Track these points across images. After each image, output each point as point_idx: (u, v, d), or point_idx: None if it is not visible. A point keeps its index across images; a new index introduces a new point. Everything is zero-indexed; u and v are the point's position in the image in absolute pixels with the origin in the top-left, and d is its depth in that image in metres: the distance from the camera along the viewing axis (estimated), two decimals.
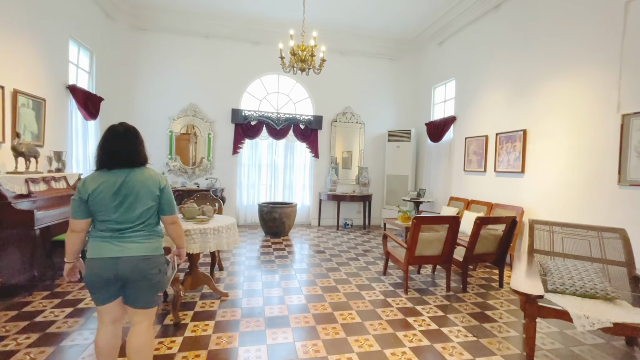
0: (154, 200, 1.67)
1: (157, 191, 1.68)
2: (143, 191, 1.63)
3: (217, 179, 6.58)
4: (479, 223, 3.37)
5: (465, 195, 5.61)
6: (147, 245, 1.66)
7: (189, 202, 3.06)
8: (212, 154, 6.66)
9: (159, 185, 1.69)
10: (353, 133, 7.33)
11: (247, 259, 4.48)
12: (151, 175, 1.68)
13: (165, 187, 1.72)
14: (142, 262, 1.62)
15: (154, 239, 1.70)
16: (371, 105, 7.42)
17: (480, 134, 5.31)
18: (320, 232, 6.52)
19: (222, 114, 6.67)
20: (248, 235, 5.98)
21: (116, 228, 1.61)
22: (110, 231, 1.62)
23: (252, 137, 6.73)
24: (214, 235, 2.84)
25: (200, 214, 3.04)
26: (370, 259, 4.66)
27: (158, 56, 6.34)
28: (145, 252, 1.64)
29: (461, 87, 5.88)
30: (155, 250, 1.69)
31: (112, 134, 1.65)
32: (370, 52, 7.28)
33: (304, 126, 6.95)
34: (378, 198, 7.49)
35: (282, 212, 5.74)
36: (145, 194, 1.64)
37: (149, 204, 1.65)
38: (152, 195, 1.66)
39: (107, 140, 1.64)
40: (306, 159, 7.22)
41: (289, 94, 7.09)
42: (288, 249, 5.09)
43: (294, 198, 7.14)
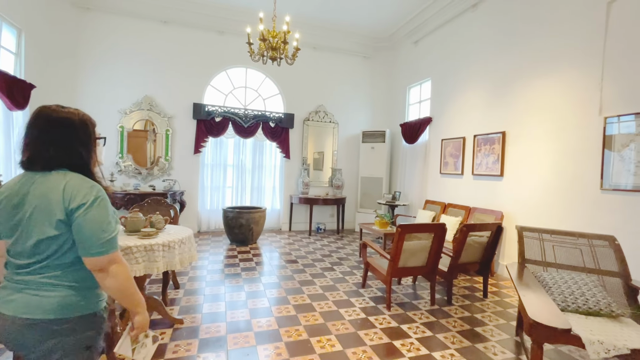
0: (55, 227, 1.03)
1: (61, 214, 1.03)
2: (39, 211, 1.04)
3: (176, 181, 5.91)
4: (465, 230, 3.13)
5: (442, 198, 5.45)
6: (45, 300, 1.02)
7: (133, 211, 2.51)
8: (170, 152, 5.97)
9: (65, 205, 1.03)
10: (326, 133, 6.98)
11: (210, 272, 3.94)
12: (62, 186, 1.05)
13: (80, 209, 1.03)
14: (28, 332, 1.01)
15: (62, 291, 1.05)
16: (345, 105, 7.11)
17: (457, 136, 5.17)
18: (291, 238, 6.08)
19: (183, 108, 6.01)
20: (211, 243, 5.39)
21: (13, 263, 1.07)
22: (8, 266, 1.09)
23: (216, 135, 6.14)
24: (164, 253, 2.31)
25: (147, 225, 2.50)
26: (346, 268, 4.31)
27: (107, 41, 5.56)
28: (34, 314, 1.00)
29: (437, 87, 5.73)
30: (61, 311, 1.03)
31: (39, 119, 1.11)
32: (345, 49, 6.97)
33: (274, 124, 6.47)
34: (352, 201, 7.20)
35: (249, 218, 5.23)
36: (41, 216, 1.04)
37: (48, 233, 1.03)
38: (50, 218, 1.03)
39: (29, 128, 1.11)
40: (276, 159, 6.74)
41: (258, 89, 6.58)
42: (256, 259, 4.60)
43: (263, 201, 6.63)
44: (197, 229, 6.20)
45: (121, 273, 1.09)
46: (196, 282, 3.59)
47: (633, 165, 2.96)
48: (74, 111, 1.18)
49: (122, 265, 1.10)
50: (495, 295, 3.51)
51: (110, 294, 1.10)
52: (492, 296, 3.49)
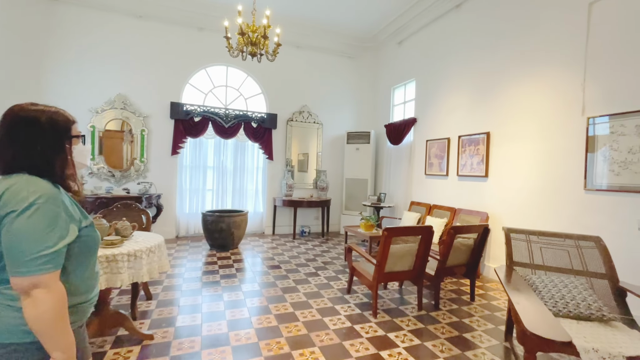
0: None
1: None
2: None
3: (152, 184, 5.61)
4: (452, 233, 3.05)
5: (427, 199, 5.40)
6: None
7: (97, 217, 2.28)
8: (146, 154, 5.67)
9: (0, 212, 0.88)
10: (310, 134, 6.83)
11: (186, 281, 3.71)
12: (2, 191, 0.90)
13: (7, 217, 0.87)
14: None
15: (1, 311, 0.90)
16: (329, 105, 6.99)
17: (441, 137, 5.14)
18: (275, 242, 5.88)
19: (159, 108, 5.73)
20: (190, 249, 5.13)
21: None
22: None
23: (195, 136, 5.88)
24: (130, 263, 2.10)
25: (111, 233, 2.27)
26: (331, 273, 4.16)
27: (76, 35, 5.22)
28: None
29: (422, 88, 5.70)
30: None
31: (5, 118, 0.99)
32: (329, 49, 6.85)
33: (256, 124, 6.27)
34: (337, 203, 7.07)
35: (230, 222, 5.00)
36: None
37: None
38: None
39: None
40: (259, 160, 6.54)
41: (240, 89, 6.37)
42: (237, 265, 4.39)
43: (245, 204, 6.41)
44: (175, 233, 5.92)
45: (45, 302, 0.87)
46: (171, 292, 3.36)
47: (616, 166, 2.95)
48: (44, 109, 1.03)
49: (51, 292, 0.88)
50: (482, 298, 3.45)
51: (29, 326, 0.88)
52: (479, 299, 3.43)
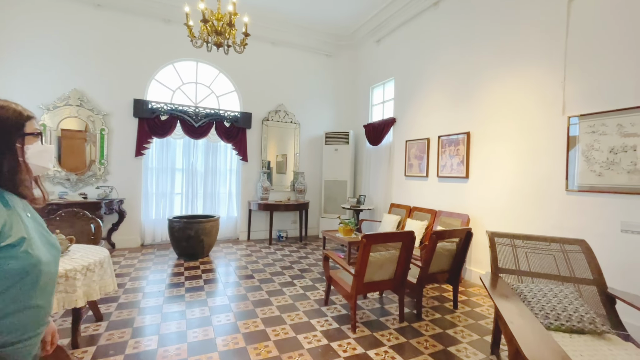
0: None
1: None
2: None
3: (113, 188, 5.15)
4: (435, 238, 2.87)
5: (407, 202, 5.26)
6: None
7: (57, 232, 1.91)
8: (106, 155, 5.20)
9: None
10: (287, 134, 6.55)
11: (146, 296, 3.33)
12: None
13: None
14: None
15: None
16: (307, 104, 6.74)
17: (421, 137, 5.01)
18: (249, 248, 5.55)
19: (121, 105, 5.27)
20: (155, 259, 4.72)
21: None
22: None
23: (162, 136, 5.46)
24: (60, 286, 1.75)
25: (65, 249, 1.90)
26: (308, 281, 3.90)
27: (23, 22, 4.69)
28: None
29: (401, 87, 5.56)
30: None
31: None
32: (305, 46, 6.61)
33: (229, 124, 5.92)
34: (315, 206, 6.82)
35: (199, 229, 4.64)
36: None
37: None
38: None
39: None
40: (233, 162, 6.18)
41: (211, 86, 6.00)
42: (206, 275, 4.04)
43: (217, 209, 6.03)
44: (140, 241, 5.46)
45: None
46: (126, 310, 2.98)
47: (597, 166, 2.88)
48: None
49: None
50: (466, 305, 3.30)
51: None
52: (463, 306, 3.27)
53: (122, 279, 3.79)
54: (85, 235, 2.81)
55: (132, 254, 4.94)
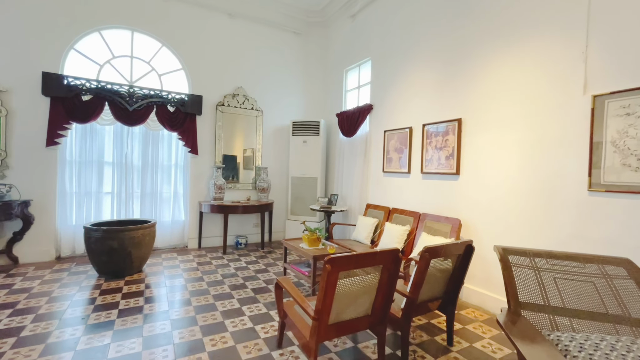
0: None
1: None
2: None
3: (13, 186, 3.98)
4: (428, 257, 2.08)
5: (386, 202, 4.50)
6: None
7: None
8: (4, 144, 4.01)
9: None
10: (247, 122, 5.60)
11: (26, 340, 2.31)
12: None
13: None
14: None
15: None
16: (271, 89, 5.81)
17: (402, 126, 4.25)
18: (198, 259, 4.57)
19: (26, 79, 4.09)
20: (67, 277, 3.64)
21: None
22: None
23: (84, 121, 4.33)
24: None
25: None
26: (261, 308, 3.02)
27: None
28: None
29: (378, 69, 4.77)
30: None
31: None
32: (270, 21, 5.67)
33: (173, 108, 4.88)
34: (281, 206, 5.93)
35: (124, 239, 3.61)
36: None
37: None
38: None
39: None
40: (179, 155, 5.14)
41: (151, 62, 4.92)
42: (125, 302, 3.04)
43: (160, 211, 4.98)
44: (55, 254, 4.32)
45: None
46: None
47: (634, 159, 2.21)
48: None
49: None
50: (462, 338, 2.56)
51: None
52: (459, 340, 2.53)
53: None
54: None
55: (38, 270, 3.83)
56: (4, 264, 4.00)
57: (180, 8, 4.97)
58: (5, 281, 3.48)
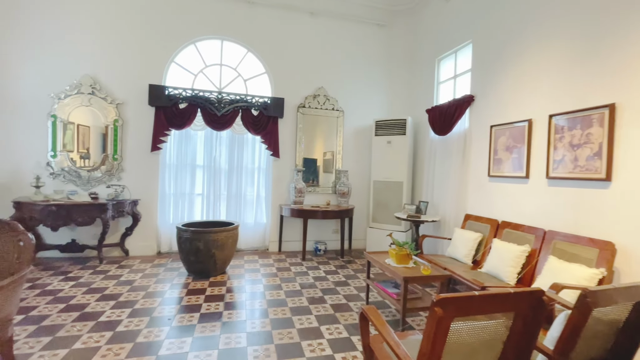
0: None
1: None
2: None
3: (125, 187, 4.48)
4: (589, 304, 1.40)
5: (492, 213, 3.68)
6: None
7: None
8: (119, 150, 4.56)
9: None
10: (328, 124, 5.36)
11: (119, 336, 2.41)
12: None
13: None
14: None
15: None
16: (353, 87, 5.47)
17: (517, 119, 3.40)
18: (278, 263, 4.48)
19: (136, 92, 4.59)
20: (162, 273, 3.89)
21: None
22: None
23: (180, 127, 4.67)
24: None
25: None
26: (341, 329, 2.65)
27: (37, 4, 4.23)
28: None
29: (482, 52, 3.98)
30: None
31: None
32: (351, 15, 5.34)
33: (257, 112, 4.93)
34: (362, 213, 5.51)
35: (208, 240, 3.68)
36: None
37: None
38: None
39: None
40: (262, 158, 5.19)
41: (238, 68, 5.07)
42: (207, 306, 3.03)
43: (244, 214, 5.09)
44: (156, 249, 4.74)
45: None
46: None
47: None
48: None
49: None
50: None
51: None
52: None
53: (103, 302, 2.96)
54: (13, 255, 1.98)
55: (142, 264, 4.21)
56: (118, 256, 4.53)
57: (265, 12, 5.01)
58: (116, 272, 3.88)
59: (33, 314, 2.72)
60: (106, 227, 4.09)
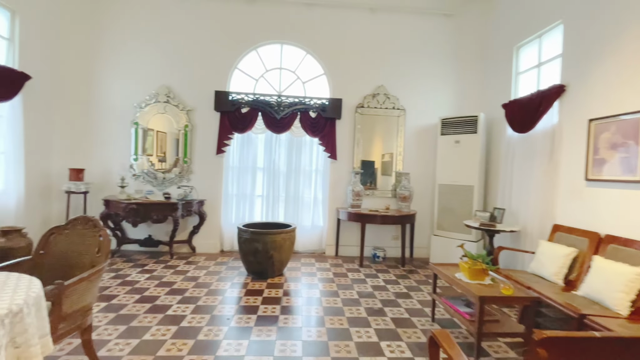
0: None
1: None
2: None
3: (193, 188, 4.78)
4: None
5: (591, 224, 3.05)
6: None
7: None
8: (189, 153, 4.90)
9: None
10: (388, 124, 5.09)
11: (176, 333, 2.51)
12: None
13: None
14: None
15: None
16: (415, 84, 5.11)
17: (627, 110, 2.77)
18: (335, 268, 4.35)
19: (204, 98, 4.88)
20: (223, 272, 4.04)
21: None
22: None
23: (242, 130, 4.84)
24: None
25: None
26: (403, 347, 2.40)
27: (120, 23, 4.78)
28: None
29: (577, 33, 3.35)
30: None
31: None
32: (415, 7, 5.01)
33: (315, 114, 4.89)
34: (425, 219, 5.11)
35: (267, 242, 3.70)
36: None
37: None
38: None
39: None
40: (319, 160, 5.13)
41: (297, 71, 5.10)
42: (264, 308, 3.02)
43: (301, 216, 5.08)
44: (219, 247, 4.98)
45: None
46: None
47: None
48: None
49: None
50: None
51: None
52: None
53: (171, 296, 3.14)
54: (94, 249, 2.16)
55: (207, 261, 4.44)
56: (186, 252, 4.85)
57: (323, 12, 4.96)
58: (184, 267, 4.14)
59: (114, 302, 2.99)
60: (176, 225, 4.41)
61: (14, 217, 3.82)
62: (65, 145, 4.58)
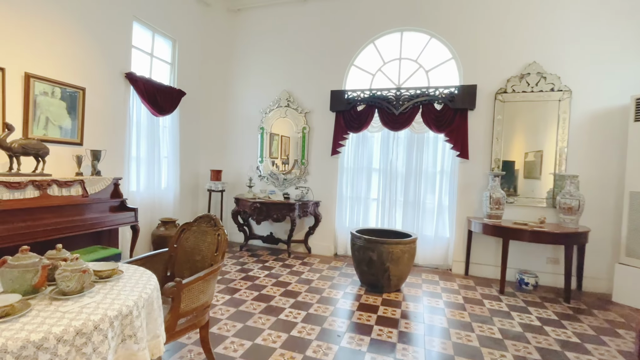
0: None
1: None
2: None
3: (309, 189, 4.80)
4: None
5: None
6: None
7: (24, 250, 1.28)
8: (306, 155, 4.96)
9: None
10: (542, 112, 3.91)
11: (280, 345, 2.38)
12: None
13: None
14: None
15: None
16: (588, 54, 3.76)
17: None
18: (465, 291, 3.58)
19: (320, 100, 4.86)
20: (336, 278, 3.84)
21: None
22: None
23: (357, 130, 4.58)
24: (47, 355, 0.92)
25: (40, 281, 1.21)
26: None
27: (251, 38, 5.24)
28: None
29: None
30: None
31: None
32: None
33: (440, 106, 4.19)
34: (604, 239, 3.69)
35: (382, 252, 3.29)
36: None
37: None
38: None
39: None
40: (445, 160, 4.38)
41: (418, 59, 4.50)
42: (379, 330, 2.62)
43: (421, 224, 4.44)
44: (333, 250, 4.86)
45: None
46: None
47: None
48: None
49: None
50: None
51: None
52: None
53: (285, 299, 3.11)
54: (213, 247, 2.23)
55: (321, 264, 4.36)
56: (303, 252, 4.91)
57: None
58: (300, 268, 4.16)
59: (236, 296, 3.15)
60: (293, 225, 4.49)
61: (172, 210, 4.62)
62: (208, 149, 5.32)
